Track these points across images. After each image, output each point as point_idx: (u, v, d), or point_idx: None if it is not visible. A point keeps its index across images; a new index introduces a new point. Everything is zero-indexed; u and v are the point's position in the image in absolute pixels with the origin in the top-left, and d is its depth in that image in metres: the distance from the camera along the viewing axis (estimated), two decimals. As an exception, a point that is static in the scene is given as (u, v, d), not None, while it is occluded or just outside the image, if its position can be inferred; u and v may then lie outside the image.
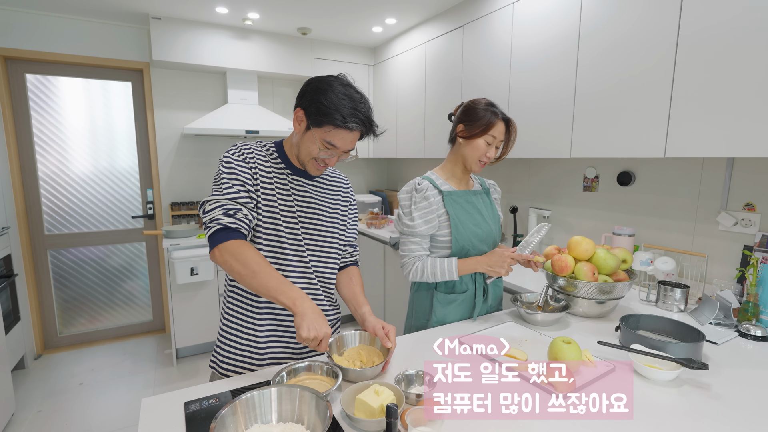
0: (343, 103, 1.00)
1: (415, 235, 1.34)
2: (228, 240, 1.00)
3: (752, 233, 1.56)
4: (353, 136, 1.05)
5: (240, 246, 1.00)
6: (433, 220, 1.34)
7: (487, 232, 1.40)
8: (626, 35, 1.61)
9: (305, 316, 0.94)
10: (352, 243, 1.30)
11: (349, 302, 1.22)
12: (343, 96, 1.01)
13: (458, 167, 1.41)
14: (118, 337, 3.32)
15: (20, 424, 2.25)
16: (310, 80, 1.06)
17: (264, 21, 2.95)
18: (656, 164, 1.87)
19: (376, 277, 3.22)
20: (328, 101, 1.00)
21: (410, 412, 0.75)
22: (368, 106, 1.06)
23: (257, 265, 0.98)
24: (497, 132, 1.32)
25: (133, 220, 3.27)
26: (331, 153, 1.06)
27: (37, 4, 2.64)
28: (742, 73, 1.29)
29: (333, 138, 1.03)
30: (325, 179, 1.21)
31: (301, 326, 0.93)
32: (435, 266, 1.33)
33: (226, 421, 0.75)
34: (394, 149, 3.39)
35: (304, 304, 0.96)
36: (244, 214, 1.03)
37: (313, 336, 0.93)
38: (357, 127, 1.02)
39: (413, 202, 1.34)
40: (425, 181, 1.37)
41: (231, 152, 1.08)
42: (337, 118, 1.00)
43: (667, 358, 1.01)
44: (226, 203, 1.02)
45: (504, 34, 2.20)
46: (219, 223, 1.00)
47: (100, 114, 3.08)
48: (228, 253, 0.99)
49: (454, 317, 1.39)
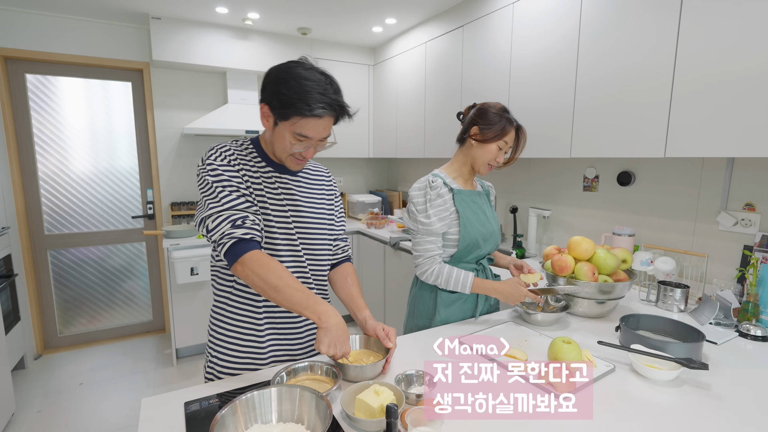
0: (307, 90, 0.92)
1: (430, 233, 1.33)
2: (247, 252, 0.94)
3: (752, 233, 1.56)
4: (325, 123, 0.97)
5: (260, 258, 0.95)
6: (446, 218, 1.33)
7: (491, 231, 1.42)
8: (626, 33, 1.61)
9: (329, 332, 0.93)
10: (342, 236, 1.26)
11: (347, 305, 1.19)
12: (305, 81, 0.93)
13: (466, 168, 1.41)
14: (118, 337, 3.32)
15: (20, 424, 2.25)
16: (269, 71, 0.98)
17: (264, 21, 2.95)
18: (656, 164, 1.87)
19: (376, 277, 3.22)
20: (290, 90, 0.93)
21: (410, 412, 0.75)
22: (336, 87, 0.98)
23: (280, 279, 0.94)
24: (510, 138, 1.35)
25: (133, 220, 3.27)
26: (306, 144, 0.99)
27: (37, 4, 2.65)
28: (742, 73, 1.29)
29: (303, 129, 0.96)
30: (307, 173, 1.16)
31: (322, 341, 0.92)
32: (451, 276, 1.32)
33: (226, 421, 0.75)
34: (394, 149, 3.39)
35: (330, 319, 0.94)
36: (252, 220, 0.98)
37: (332, 353, 0.93)
38: (325, 112, 0.94)
39: (428, 200, 1.33)
40: (438, 178, 1.36)
41: (212, 157, 1.00)
42: (303, 107, 0.92)
43: (667, 358, 1.01)
44: (231, 214, 0.96)
45: (504, 33, 2.20)
46: (231, 237, 0.94)
47: (100, 114, 3.08)
48: (249, 268, 0.94)
49: (456, 317, 1.40)
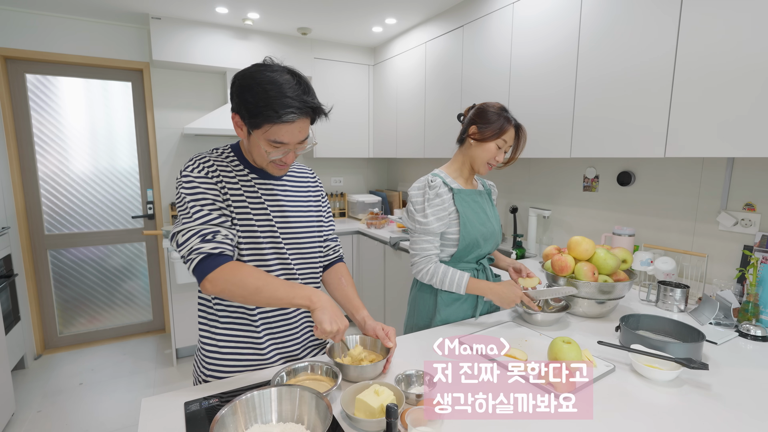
0: (272, 95, 0.88)
1: (427, 233, 1.34)
2: (216, 268, 0.91)
3: (752, 233, 1.56)
4: (299, 126, 0.93)
5: (232, 269, 0.92)
6: (444, 218, 1.34)
7: (491, 230, 1.42)
8: (626, 34, 1.61)
9: (325, 310, 0.93)
10: (332, 237, 1.25)
11: (344, 306, 1.19)
12: (269, 86, 0.89)
13: (466, 167, 1.42)
14: (118, 337, 3.32)
15: (20, 424, 2.25)
16: (234, 77, 0.95)
17: (264, 21, 2.95)
18: (656, 164, 1.87)
19: (376, 277, 3.22)
20: (255, 98, 0.89)
21: (410, 412, 0.75)
22: (305, 87, 0.93)
23: (257, 280, 0.92)
24: (509, 137, 1.34)
25: (133, 220, 3.27)
26: (284, 150, 0.95)
27: (37, 4, 2.64)
28: (741, 73, 1.29)
29: (276, 135, 0.92)
30: (292, 176, 1.14)
31: (323, 320, 0.91)
32: (446, 276, 1.32)
33: (226, 421, 0.75)
34: (394, 149, 3.39)
35: (321, 298, 0.94)
36: (224, 235, 0.95)
37: (336, 329, 0.92)
38: (295, 116, 0.90)
39: (426, 199, 1.33)
40: (437, 178, 1.36)
41: (189, 169, 0.97)
42: (271, 114, 0.88)
43: (667, 358, 1.01)
44: (201, 229, 0.93)
45: (504, 34, 2.20)
46: (199, 252, 0.91)
47: (100, 114, 3.08)
48: (221, 281, 0.91)
49: (457, 316, 1.40)
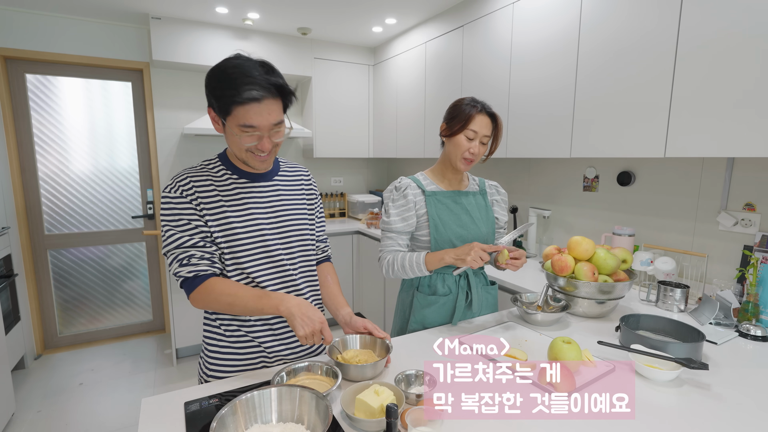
0: (235, 77, 0.91)
1: (391, 230, 1.36)
2: (194, 289, 1.00)
3: (752, 233, 1.56)
4: (268, 107, 0.93)
5: (206, 289, 0.99)
6: (410, 218, 1.34)
7: (475, 234, 1.36)
8: (626, 35, 1.61)
9: (293, 316, 0.95)
10: (322, 238, 1.27)
11: (327, 303, 1.21)
12: (232, 70, 0.92)
13: (447, 168, 1.40)
14: (118, 337, 3.32)
15: (20, 424, 2.25)
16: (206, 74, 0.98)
17: (264, 21, 2.95)
18: (656, 164, 1.87)
19: (376, 277, 3.22)
20: (221, 83, 0.92)
21: (410, 412, 0.75)
22: (268, 68, 0.96)
23: (228, 296, 0.98)
24: (478, 126, 1.28)
25: (133, 220, 3.27)
26: (258, 136, 0.95)
27: (37, 4, 2.64)
28: (741, 72, 1.29)
29: (245, 118, 0.92)
30: (286, 175, 1.15)
31: (295, 326, 0.94)
32: (405, 260, 1.30)
33: (226, 421, 0.75)
34: (394, 149, 3.39)
35: (287, 303, 0.97)
36: (199, 256, 1.00)
37: (311, 330, 0.93)
38: (258, 93, 0.91)
39: (392, 199, 1.37)
40: (406, 179, 1.38)
41: (168, 190, 1.02)
42: (233, 94, 0.90)
43: (667, 358, 1.01)
44: (177, 253, 0.99)
45: (504, 34, 2.20)
46: (178, 276, 1.00)
47: (100, 114, 3.08)
48: (200, 300, 1.01)
49: (433, 319, 1.37)
